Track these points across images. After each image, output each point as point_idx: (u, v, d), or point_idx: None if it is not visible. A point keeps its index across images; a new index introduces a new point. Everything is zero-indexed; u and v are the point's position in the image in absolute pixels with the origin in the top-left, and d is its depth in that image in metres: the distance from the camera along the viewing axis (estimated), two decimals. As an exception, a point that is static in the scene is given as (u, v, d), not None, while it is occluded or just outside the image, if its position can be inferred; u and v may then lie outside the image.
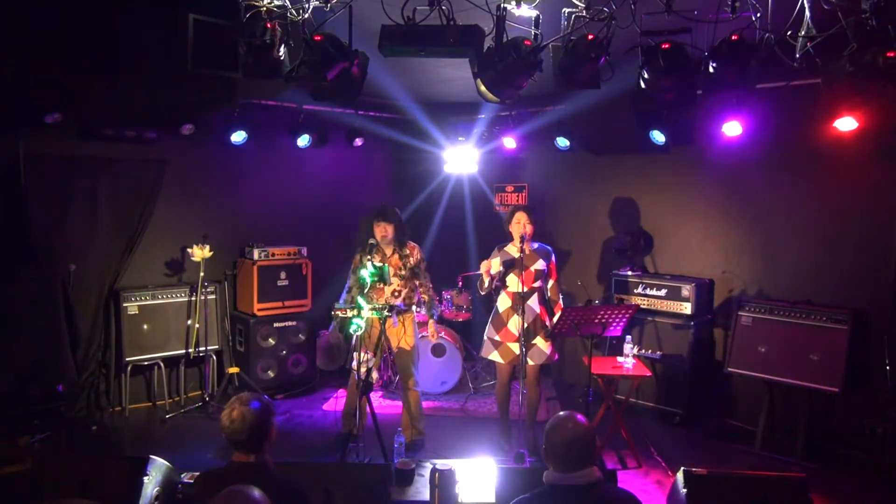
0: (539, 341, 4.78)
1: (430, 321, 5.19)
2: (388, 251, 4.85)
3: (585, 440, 2.34)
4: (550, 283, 4.92)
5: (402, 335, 4.89)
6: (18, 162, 5.02)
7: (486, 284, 4.78)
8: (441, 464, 3.14)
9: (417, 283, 4.98)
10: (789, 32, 3.26)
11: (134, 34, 4.09)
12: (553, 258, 4.91)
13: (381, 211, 4.82)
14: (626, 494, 2.45)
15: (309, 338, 6.41)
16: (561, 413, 2.46)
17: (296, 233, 6.56)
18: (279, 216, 6.69)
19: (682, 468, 3.10)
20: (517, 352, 4.73)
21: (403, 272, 4.86)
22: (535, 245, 4.86)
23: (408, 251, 4.90)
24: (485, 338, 4.96)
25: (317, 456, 4.92)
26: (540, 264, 4.80)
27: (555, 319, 4.79)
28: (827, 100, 3.72)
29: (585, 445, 2.33)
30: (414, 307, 5.02)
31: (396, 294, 4.87)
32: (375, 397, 6.05)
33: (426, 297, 5.06)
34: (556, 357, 4.97)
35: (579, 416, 2.40)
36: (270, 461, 2.58)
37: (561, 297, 4.97)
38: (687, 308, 5.55)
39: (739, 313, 5.27)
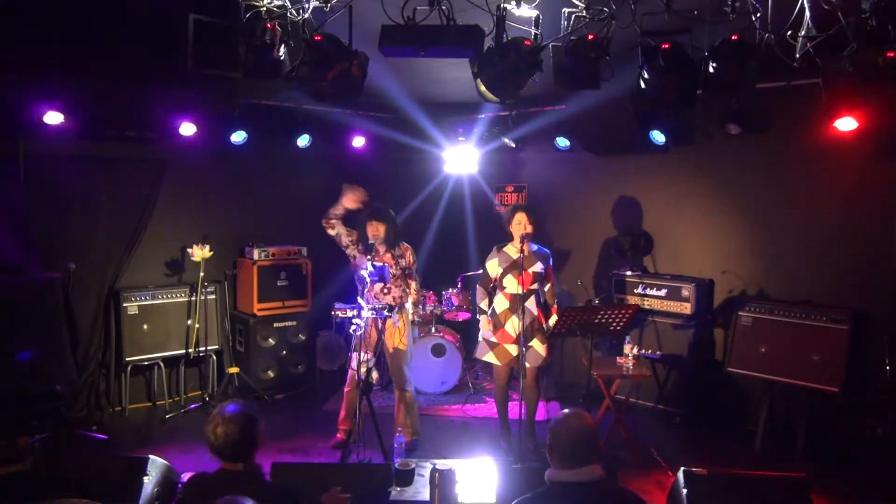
0: (536, 343, 4.77)
1: (413, 307, 5.18)
2: (381, 250, 4.88)
3: (589, 437, 2.35)
4: (547, 286, 4.92)
5: (397, 335, 4.91)
6: (18, 162, 5.02)
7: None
8: (441, 464, 3.14)
9: (409, 282, 5.00)
10: (789, 32, 3.26)
11: (134, 34, 4.08)
12: (550, 262, 4.91)
13: (374, 210, 4.88)
14: (628, 493, 2.45)
15: (309, 338, 6.41)
16: (566, 410, 2.47)
17: (296, 233, 6.55)
18: (279, 216, 6.68)
19: (682, 468, 3.11)
20: (514, 353, 4.73)
21: (395, 271, 4.89)
22: (535, 247, 4.86)
23: (401, 251, 4.93)
24: (480, 339, 4.95)
25: (317, 456, 4.93)
26: (538, 266, 4.79)
27: (551, 322, 4.80)
28: (827, 100, 3.72)
29: (589, 442, 2.34)
30: (408, 306, 5.04)
31: (386, 291, 4.88)
32: (375, 397, 6.04)
33: (414, 297, 5.07)
34: (552, 359, 4.96)
35: (584, 414, 2.41)
36: (261, 466, 2.59)
37: (556, 300, 4.98)
38: (687, 308, 5.55)
39: (739, 313, 5.26)
